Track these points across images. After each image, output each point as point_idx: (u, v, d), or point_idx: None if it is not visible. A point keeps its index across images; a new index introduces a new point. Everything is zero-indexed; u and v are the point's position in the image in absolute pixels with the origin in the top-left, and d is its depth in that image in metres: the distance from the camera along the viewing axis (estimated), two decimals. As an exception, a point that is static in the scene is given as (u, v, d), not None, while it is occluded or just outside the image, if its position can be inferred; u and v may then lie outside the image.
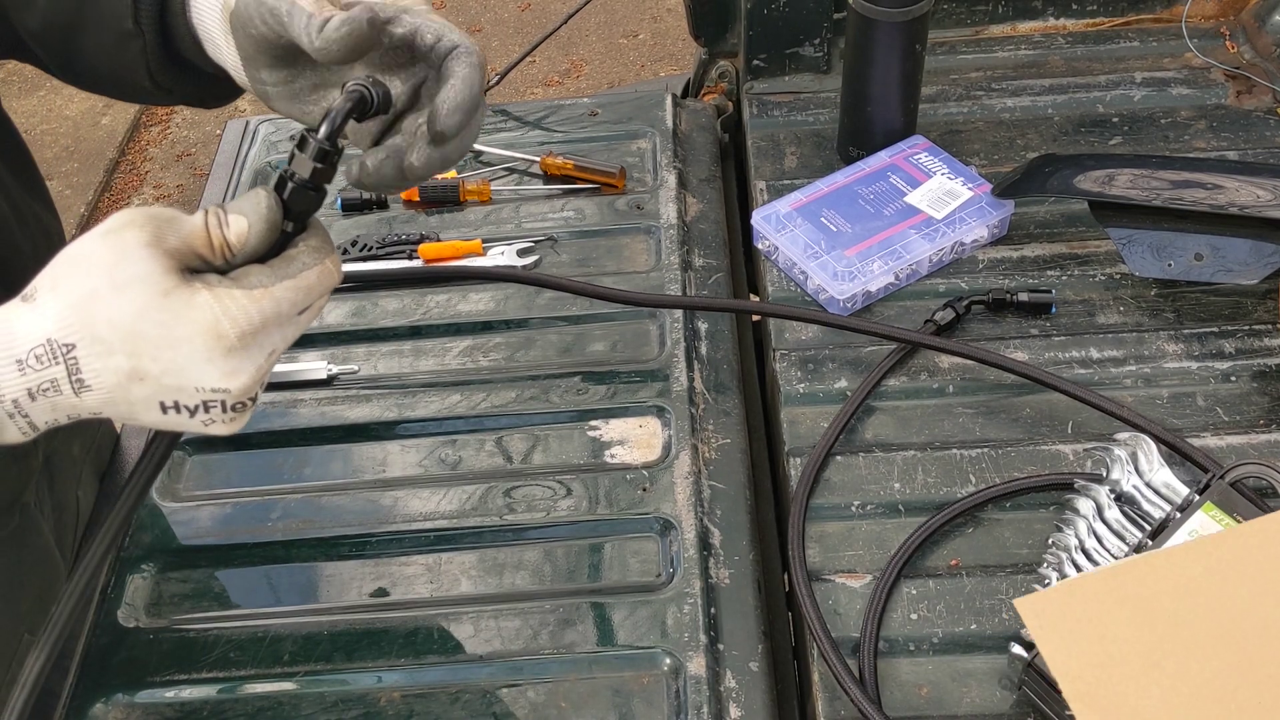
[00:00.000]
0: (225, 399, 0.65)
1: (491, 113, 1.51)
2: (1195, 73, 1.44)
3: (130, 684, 0.96)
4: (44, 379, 0.63)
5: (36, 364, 0.62)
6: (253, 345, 0.65)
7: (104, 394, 0.64)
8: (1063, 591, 0.85)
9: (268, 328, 0.65)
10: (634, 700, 0.92)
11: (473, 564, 1.02)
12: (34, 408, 0.64)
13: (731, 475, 1.08)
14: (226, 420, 0.67)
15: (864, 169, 1.30)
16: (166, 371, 0.63)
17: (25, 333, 0.63)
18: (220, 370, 0.64)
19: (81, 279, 0.63)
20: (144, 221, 0.63)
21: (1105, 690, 0.79)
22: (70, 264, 0.63)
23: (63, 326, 0.62)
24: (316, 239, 0.69)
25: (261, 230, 0.66)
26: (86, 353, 0.62)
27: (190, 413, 0.66)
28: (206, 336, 0.63)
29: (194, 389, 0.64)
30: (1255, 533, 0.86)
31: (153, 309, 0.62)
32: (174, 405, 0.65)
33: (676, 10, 4.00)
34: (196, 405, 0.65)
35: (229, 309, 0.63)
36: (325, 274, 0.68)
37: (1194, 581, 0.83)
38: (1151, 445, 0.97)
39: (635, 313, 1.22)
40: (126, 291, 0.62)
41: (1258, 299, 1.16)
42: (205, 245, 0.65)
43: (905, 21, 1.22)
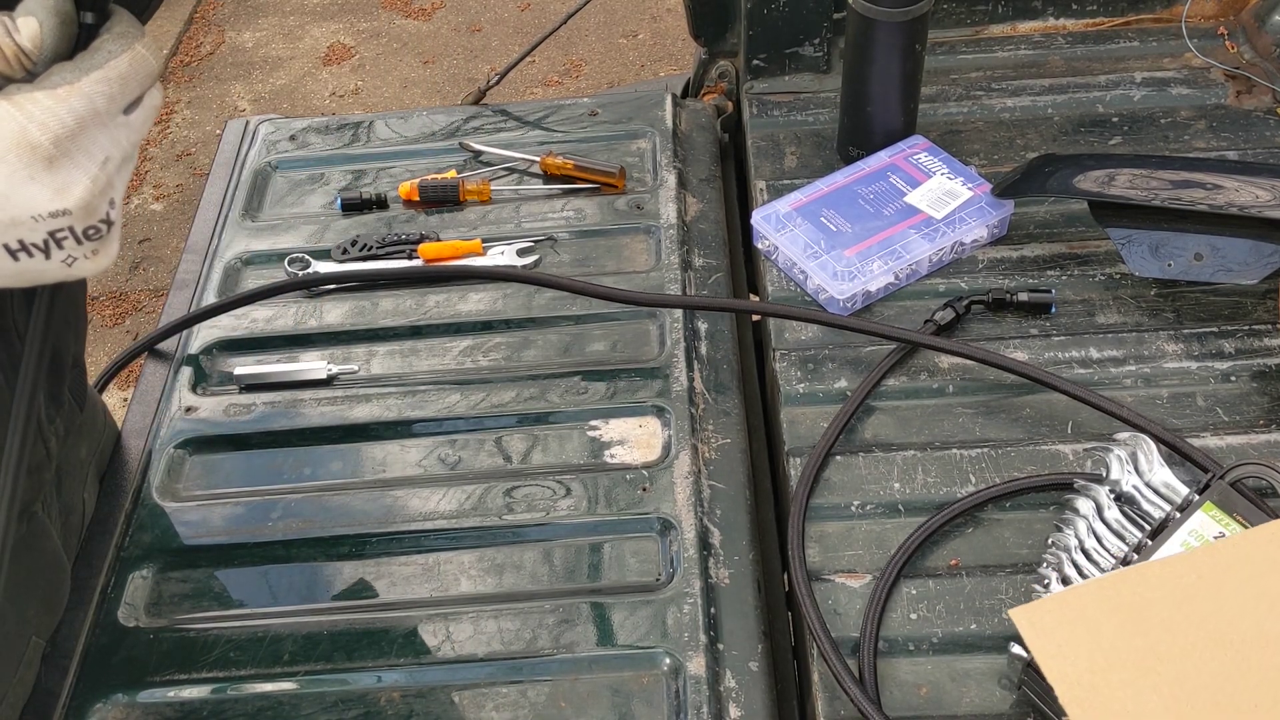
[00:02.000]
0: (71, 223, 0.59)
1: (491, 113, 1.51)
2: (1195, 73, 1.44)
3: (130, 684, 0.96)
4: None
5: None
6: (76, 151, 0.58)
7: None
8: (1057, 601, 0.86)
9: (86, 128, 0.59)
10: (634, 700, 0.92)
11: (472, 564, 1.02)
12: None
13: (731, 475, 1.08)
14: (88, 253, 0.61)
15: (864, 169, 1.30)
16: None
17: None
18: (49, 187, 0.58)
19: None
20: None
21: (1101, 697, 0.79)
22: None
23: None
24: (121, 25, 0.62)
25: (54, 25, 0.59)
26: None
27: (43, 251, 0.59)
28: (19, 149, 0.57)
29: (30, 219, 0.58)
30: (1247, 543, 0.87)
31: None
32: (20, 246, 0.59)
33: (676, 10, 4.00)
34: (45, 240, 0.59)
35: (33, 114, 0.57)
36: (137, 59, 0.61)
37: (1187, 591, 0.83)
38: (1151, 445, 0.97)
39: (635, 313, 1.22)
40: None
41: (1258, 299, 1.16)
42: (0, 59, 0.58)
43: (905, 21, 1.22)
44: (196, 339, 1.24)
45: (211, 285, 1.30)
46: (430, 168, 1.42)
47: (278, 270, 1.31)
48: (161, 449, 1.14)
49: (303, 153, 1.47)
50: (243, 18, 4.28)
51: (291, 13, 4.26)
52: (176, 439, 1.14)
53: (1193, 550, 0.88)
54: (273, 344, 1.23)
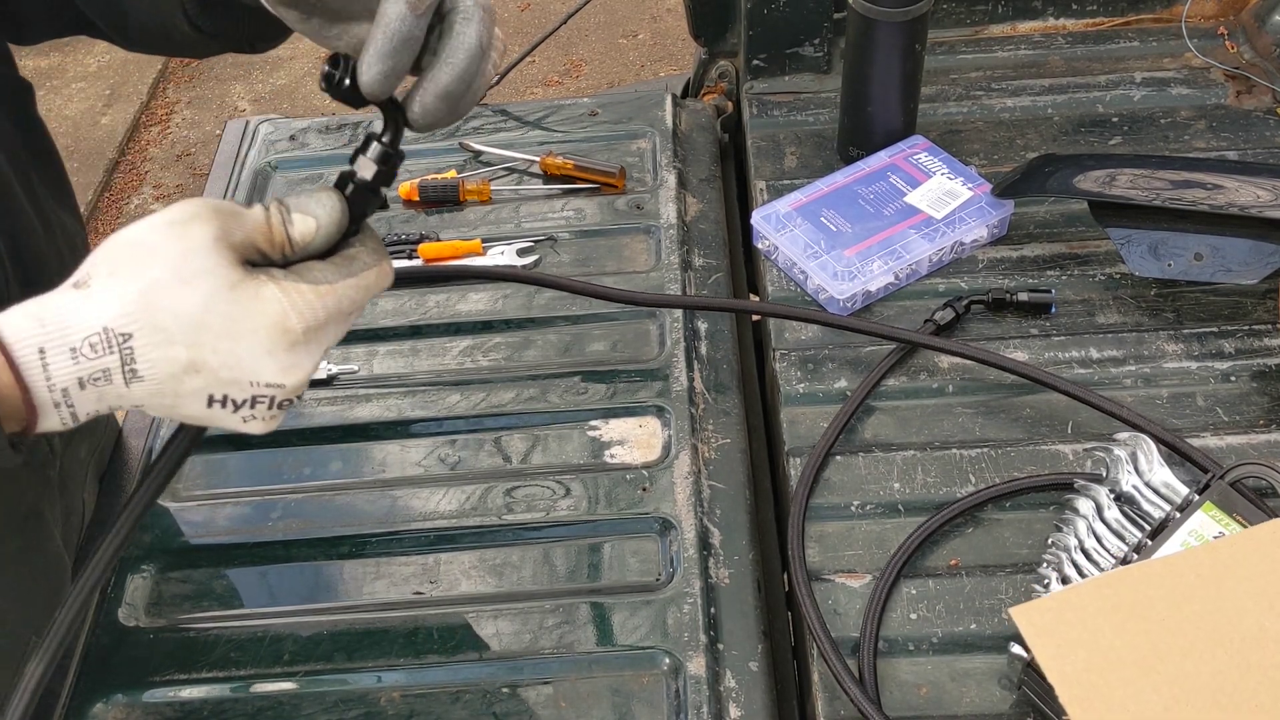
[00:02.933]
0: (277, 394, 0.65)
1: (491, 113, 1.51)
2: (1195, 73, 1.44)
3: (130, 684, 0.96)
4: (96, 368, 0.61)
5: (91, 352, 0.61)
6: (313, 340, 0.65)
7: (155, 385, 0.63)
8: (1058, 600, 0.86)
9: (329, 324, 0.66)
10: (634, 700, 0.92)
11: (472, 564, 1.02)
12: (81, 397, 0.63)
13: (731, 475, 1.08)
14: (267, 418, 0.67)
15: (864, 169, 1.30)
16: (225, 364, 0.63)
17: (81, 321, 0.61)
18: (280, 364, 0.64)
19: (144, 269, 0.62)
20: (210, 215, 0.63)
21: (1101, 696, 0.79)
22: (130, 251, 0.62)
23: (122, 315, 0.61)
24: (374, 240, 0.69)
25: (330, 233, 0.67)
26: (144, 343, 0.62)
27: (235, 407, 0.65)
28: (273, 330, 0.63)
29: (249, 383, 0.64)
30: (1247, 541, 0.87)
31: (220, 301, 0.62)
32: (222, 399, 0.65)
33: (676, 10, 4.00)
34: (244, 400, 0.65)
35: (296, 303, 0.63)
36: (383, 275, 0.69)
37: (1187, 589, 0.83)
38: (1151, 445, 0.97)
39: (635, 313, 1.22)
40: (193, 283, 0.62)
41: (1258, 299, 1.16)
42: (267, 241, 0.65)
43: (905, 21, 1.22)
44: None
45: (211, 285, 1.30)
46: (430, 168, 1.42)
47: (278, 270, 1.31)
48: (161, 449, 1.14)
49: (303, 153, 1.47)
50: (243, 18, 4.27)
51: (291, 13, 4.25)
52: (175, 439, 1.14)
53: (1193, 549, 0.88)
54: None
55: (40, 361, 0.61)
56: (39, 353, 0.61)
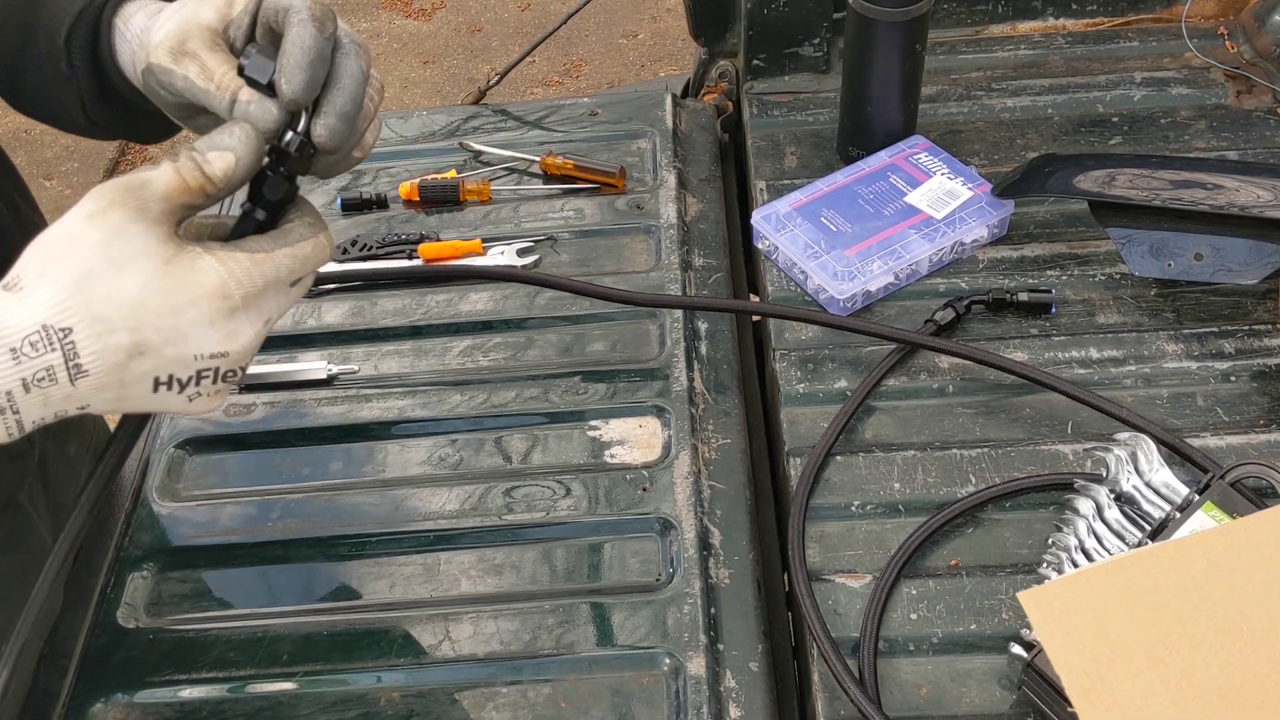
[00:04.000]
0: (221, 365, 0.66)
1: (491, 113, 1.51)
2: (1195, 73, 1.44)
3: (130, 684, 0.96)
4: (39, 367, 0.62)
5: (32, 351, 0.61)
6: (253, 308, 0.66)
7: (100, 377, 0.63)
8: (1066, 585, 0.85)
9: (267, 292, 0.67)
10: (634, 700, 0.92)
11: (472, 564, 1.02)
12: (26, 401, 0.63)
13: (731, 475, 1.08)
14: (213, 393, 0.68)
15: (864, 169, 1.30)
16: (168, 340, 0.64)
17: (17, 321, 0.61)
18: (221, 333, 0.65)
19: (74, 262, 0.62)
20: (123, 196, 0.63)
21: (1107, 685, 0.78)
22: (57, 248, 0.62)
23: (58, 311, 0.61)
24: (311, 215, 0.71)
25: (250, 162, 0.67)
26: (85, 334, 0.62)
27: (181, 386, 0.66)
28: (213, 299, 0.64)
29: (193, 356, 0.65)
30: (1257, 526, 0.86)
31: (156, 278, 0.63)
32: (168, 380, 0.66)
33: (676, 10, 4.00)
34: (190, 376, 0.66)
35: (234, 271, 0.65)
36: (319, 246, 0.70)
37: (1197, 575, 0.83)
38: (1151, 445, 0.97)
39: (635, 313, 1.22)
40: (127, 267, 0.62)
41: (1258, 299, 1.16)
42: (184, 192, 0.65)
43: (905, 21, 1.22)
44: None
45: (211, 285, 1.30)
46: (430, 168, 1.42)
47: (277, 270, 1.31)
48: (161, 449, 1.14)
49: (303, 153, 1.47)
50: (243, 18, 4.28)
51: (291, 13, 4.25)
52: (176, 439, 1.14)
53: (1204, 532, 0.87)
54: (272, 344, 1.23)
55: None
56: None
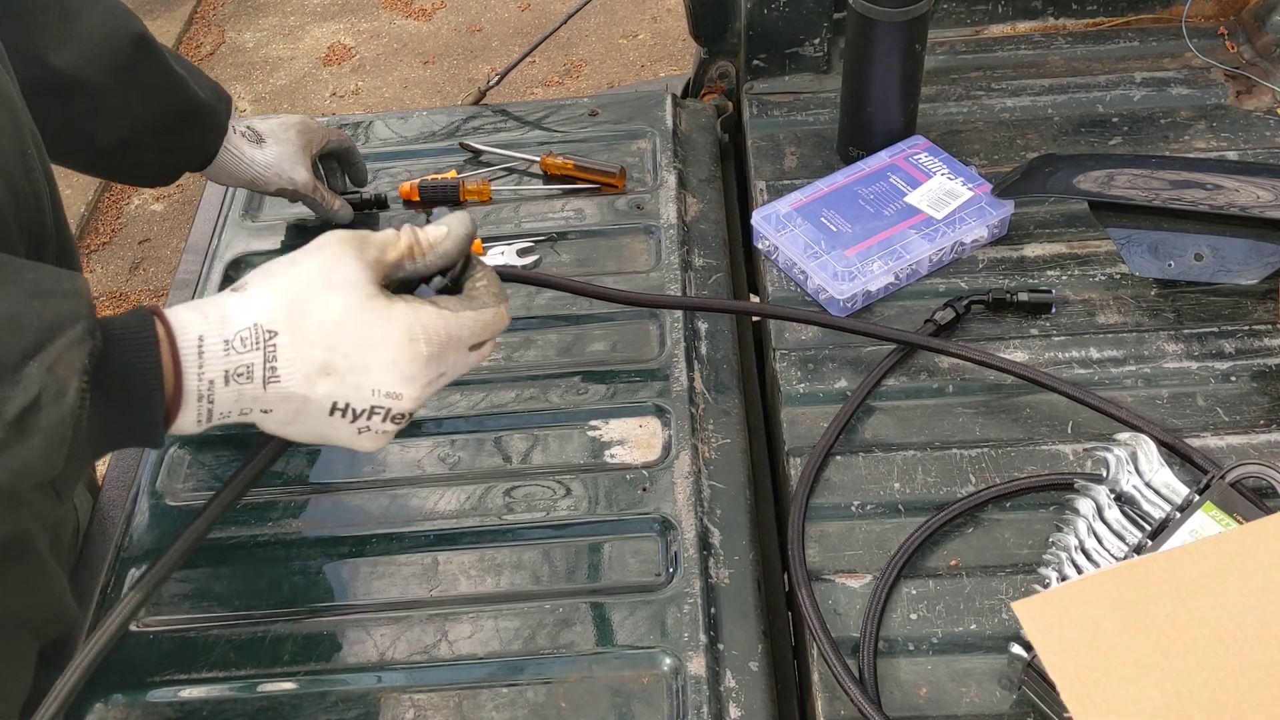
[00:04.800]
0: (393, 406, 0.73)
1: (491, 113, 1.52)
2: (1195, 73, 1.44)
3: (130, 684, 0.96)
4: (243, 363, 0.69)
5: (240, 346, 0.69)
6: (432, 359, 0.73)
7: (288, 387, 0.70)
8: (1060, 594, 0.86)
9: (448, 347, 0.74)
10: (634, 700, 0.92)
11: (472, 564, 1.02)
12: (222, 394, 0.69)
13: (731, 475, 1.08)
14: (379, 433, 0.74)
15: (864, 169, 1.30)
16: (354, 368, 0.71)
17: (237, 316, 0.70)
18: (402, 374, 0.72)
19: (294, 278, 0.71)
20: (347, 238, 0.73)
21: (1103, 692, 0.79)
22: (284, 266, 0.72)
23: (271, 314, 0.70)
24: (495, 286, 0.79)
25: (460, 236, 0.77)
26: (286, 341, 0.69)
27: (354, 417, 0.73)
28: (400, 338, 0.71)
29: (370, 390, 0.72)
30: (1251, 535, 0.86)
31: (357, 308, 0.71)
32: (344, 407, 0.72)
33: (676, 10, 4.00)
34: (364, 409, 0.73)
35: (422, 319, 0.72)
36: (499, 315, 0.78)
37: (1191, 584, 0.83)
38: (1151, 445, 0.97)
39: (635, 313, 1.22)
40: (337, 292, 0.71)
41: (1258, 299, 1.16)
42: (395, 248, 0.75)
43: (905, 21, 1.22)
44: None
45: (211, 285, 1.30)
46: (430, 168, 1.42)
47: (278, 270, 1.31)
48: (161, 449, 1.14)
49: (303, 153, 1.47)
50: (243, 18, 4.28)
51: (292, 13, 4.26)
52: (176, 440, 1.14)
53: (1196, 543, 0.88)
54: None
55: (198, 349, 0.69)
56: (198, 339, 0.69)
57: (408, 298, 0.74)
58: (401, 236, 0.75)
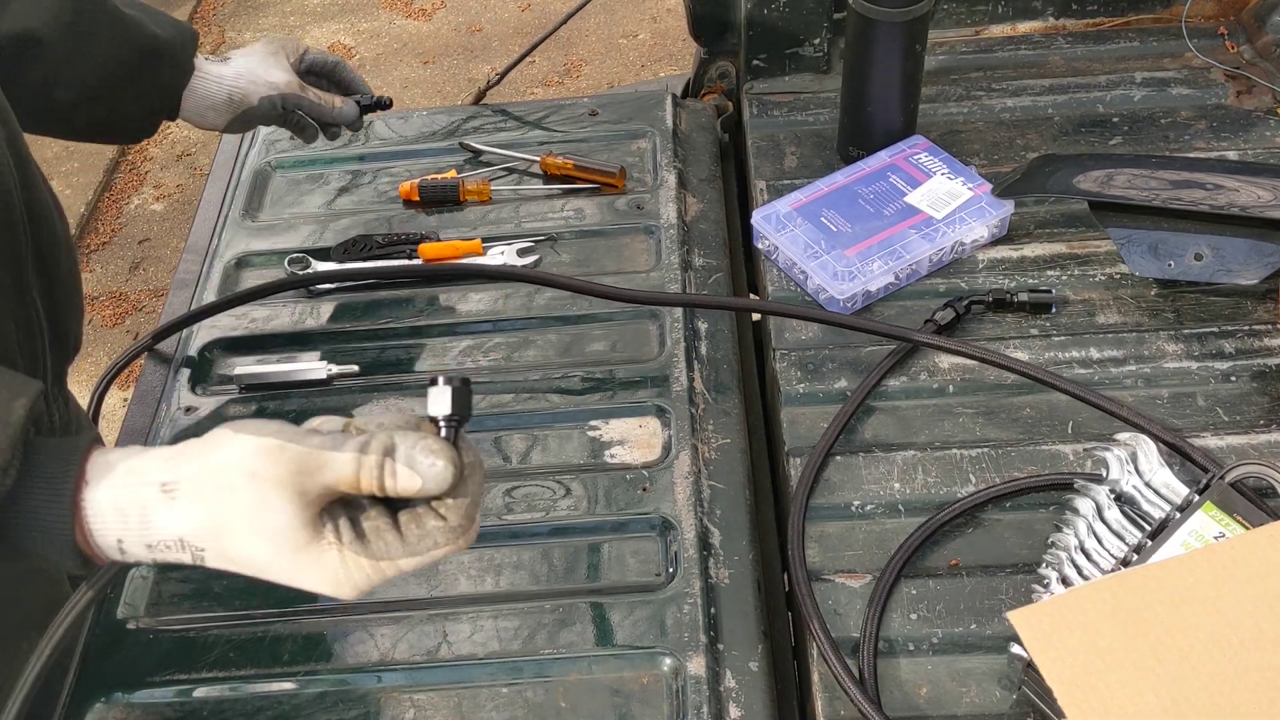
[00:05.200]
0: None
1: (491, 113, 1.51)
2: (1195, 73, 1.44)
3: (130, 684, 0.95)
4: (167, 557, 0.68)
5: (164, 550, 0.67)
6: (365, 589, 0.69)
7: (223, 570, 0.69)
8: (1056, 604, 0.86)
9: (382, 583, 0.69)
10: (634, 700, 0.92)
11: (472, 564, 1.02)
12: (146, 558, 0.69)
13: (731, 475, 1.08)
14: None
15: (864, 169, 1.30)
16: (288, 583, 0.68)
17: (161, 525, 0.66)
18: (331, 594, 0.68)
19: (223, 507, 0.66)
20: (290, 476, 0.64)
21: (1100, 699, 0.79)
22: (215, 484, 0.66)
23: (198, 536, 0.66)
24: (458, 517, 0.68)
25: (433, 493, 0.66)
26: (214, 558, 0.67)
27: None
28: (324, 586, 0.67)
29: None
30: (1244, 544, 0.87)
31: (283, 559, 0.66)
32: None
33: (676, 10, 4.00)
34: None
35: (352, 575, 0.67)
36: (452, 550, 0.69)
37: (1185, 592, 0.83)
38: (1151, 445, 0.97)
39: (635, 313, 1.22)
40: (262, 537, 0.65)
41: (1258, 299, 1.16)
42: (353, 488, 0.66)
43: (905, 21, 1.22)
44: (196, 339, 1.24)
45: (211, 285, 1.30)
46: (430, 168, 1.42)
47: (278, 270, 1.31)
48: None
49: (302, 153, 1.47)
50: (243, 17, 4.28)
51: (292, 13, 4.26)
52: (177, 439, 1.14)
53: (1191, 553, 0.88)
54: (272, 344, 1.23)
55: (118, 547, 0.67)
56: (117, 541, 0.67)
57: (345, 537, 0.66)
58: (364, 480, 0.65)
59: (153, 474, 0.67)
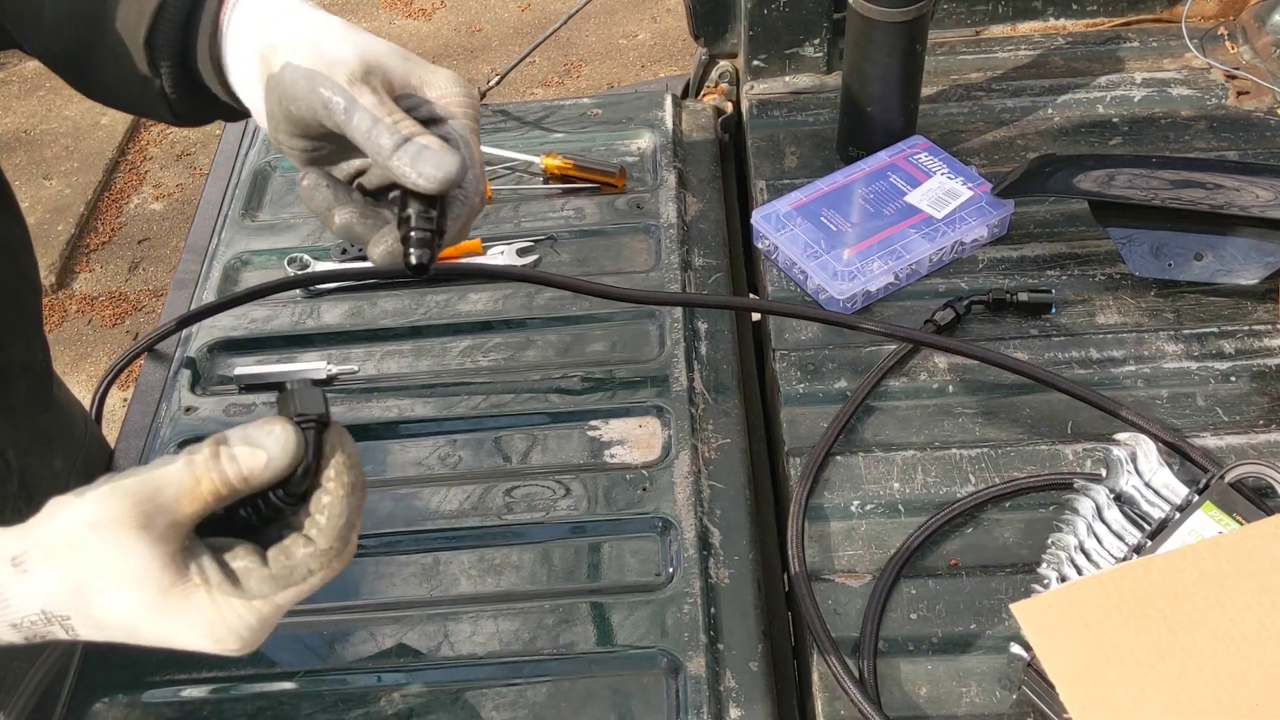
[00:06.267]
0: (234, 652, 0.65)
1: (491, 113, 1.51)
2: (1195, 73, 1.44)
3: (130, 684, 0.96)
4: (38, 633, 0.63)
5: (31, 626, 0.62)
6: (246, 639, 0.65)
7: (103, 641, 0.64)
8: (1059, 596, 0.86)
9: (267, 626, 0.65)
10: (634, 700, 0.92)
11: (472, 564, 1.02)
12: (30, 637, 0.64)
13: (731, 475, 1.08)
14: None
15: (864, 169, 1.30)
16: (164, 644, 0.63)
17: (19, 601, 0.62)
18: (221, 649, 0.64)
19: (75, 567, 0.61)
20: (129, 512, 0.60)
21: (1102, 694, 0.79)
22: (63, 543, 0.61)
23: (58, 605, 0.62)
24: (328, 539, 0.65)
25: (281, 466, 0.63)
26: (82, 625, 0.62)
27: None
28: (203, 637, 0.63)
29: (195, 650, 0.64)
30: (1248, 537, 0.86)
31: (149, 609, 0.61)
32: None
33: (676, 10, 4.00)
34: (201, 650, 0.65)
35: (225, 617, 0.63)
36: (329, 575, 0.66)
37: (1189, 586, 0.83)
38: (1151, 445, 0.97)
39: (635, 313, 1.22)
40: (123, 589, 0.61)
41: (1258, 299, 1.16)
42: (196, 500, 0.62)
43: (905, 21, 1.22)
44: (195, 339, 1.24)
45: (211, 285, 1.30)
46: (430, 168, 1.42)
47: (278, 270, 1.31)
48: (161, 449, 1.14)
49: (303, 153, 1.46)
50: (243, 18, 4.27)
51: (291, 13, 4.25)
52: (176, 439, 1.14)
53: (1195, 545, 0.88)
54: (272, 344, 1.23)
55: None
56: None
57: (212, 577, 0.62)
58: (202, 479, 0.61)
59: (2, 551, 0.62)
